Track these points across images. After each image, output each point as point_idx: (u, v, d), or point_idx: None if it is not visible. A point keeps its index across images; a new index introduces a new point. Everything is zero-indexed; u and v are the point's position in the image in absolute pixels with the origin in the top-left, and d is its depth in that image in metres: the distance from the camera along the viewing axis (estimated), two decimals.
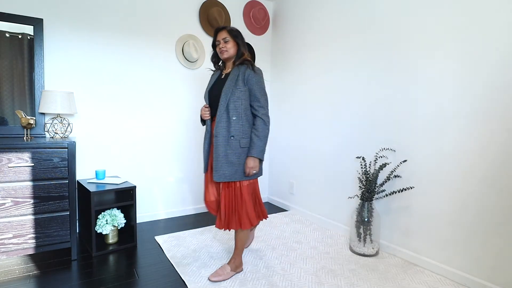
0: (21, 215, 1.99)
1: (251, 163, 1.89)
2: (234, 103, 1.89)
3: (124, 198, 2.46)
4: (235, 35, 1.96)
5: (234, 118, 1.89)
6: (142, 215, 2.99)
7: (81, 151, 2.66)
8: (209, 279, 1.95)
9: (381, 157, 2.42)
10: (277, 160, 3.67)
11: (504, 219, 1.77)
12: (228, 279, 1.96)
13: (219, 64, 2.11)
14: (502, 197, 1.77)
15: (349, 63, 2.70)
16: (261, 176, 3.74)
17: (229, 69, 1.99)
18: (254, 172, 1.92)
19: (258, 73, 1.95)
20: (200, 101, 3.25)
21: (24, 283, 1.87)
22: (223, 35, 1.95)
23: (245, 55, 1.99)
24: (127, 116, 2.87)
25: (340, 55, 2.78)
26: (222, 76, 2.01)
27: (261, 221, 2.49)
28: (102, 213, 2.35)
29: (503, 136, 1.76)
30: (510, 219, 1.75)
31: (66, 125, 2.42)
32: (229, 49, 1.95)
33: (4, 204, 1.94)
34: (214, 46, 2.03)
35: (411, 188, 2.22)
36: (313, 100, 3.09)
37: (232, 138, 1.89)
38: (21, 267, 2.07)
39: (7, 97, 2.33)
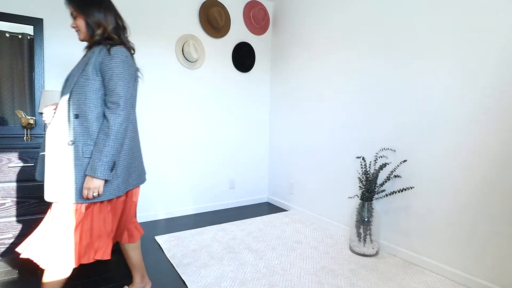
0: (21, 215, 1.99)
1: (88, 182, 1.36)
2: (78, 96, 1.38)
3: None
4: (78, 4, 1.43)
5: (75, 117, 1.38)
6: (142, 215, 2.99)
7: None
8: None
9: (381, 157, 2.42)
10: (277, 160, 3.67)
11: (504, 219, 1.77)
12: None
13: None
14: (502, 197, 1.77)
15: (349, 63, 2.70)
16: (261, 177, 3.77)
17: None
18: (95, 194, 1.37)
19: (115, 55, 1.39)
20: (199, 101, 3.25)
21: (24, 283, 1.87)
22: (69, 9, 1.45)
23: (105, 29, 1.44)
24: None
25: (340, 55, 2.78)
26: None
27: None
28: None
29: (504, 136, 1.76)
30: (510, 219, 1.74)
31: None
32: (79, 27, 1.45)
33: (4, 204, 1.93)
34: None
35: (411, 188, 2.22)
36: (313, 100, 3.09)
37: (71, 144, 1.37)
38: (20, 267, 2.06)
39: (7, 97, 2.33)
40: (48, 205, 2.04)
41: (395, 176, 2.31)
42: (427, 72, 2.12)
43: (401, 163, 2.28)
